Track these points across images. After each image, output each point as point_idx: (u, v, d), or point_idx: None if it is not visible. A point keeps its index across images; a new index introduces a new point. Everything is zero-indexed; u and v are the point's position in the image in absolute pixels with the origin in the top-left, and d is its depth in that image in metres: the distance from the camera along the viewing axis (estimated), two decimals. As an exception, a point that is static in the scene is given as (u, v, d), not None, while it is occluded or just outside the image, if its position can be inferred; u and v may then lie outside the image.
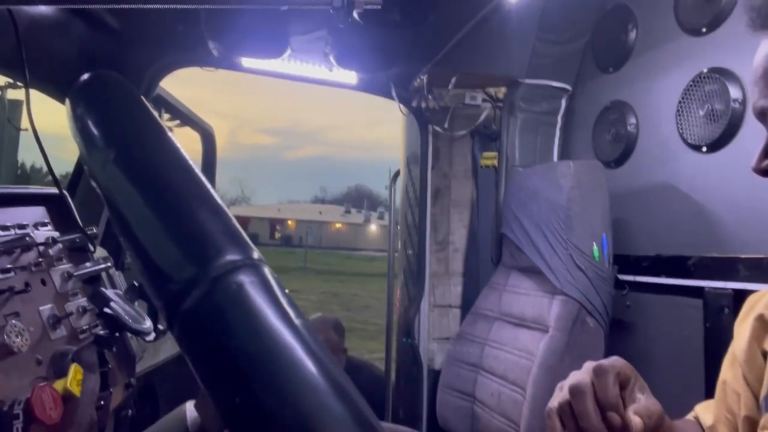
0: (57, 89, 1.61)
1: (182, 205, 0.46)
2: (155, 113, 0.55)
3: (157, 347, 1.69)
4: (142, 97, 0.56)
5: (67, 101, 0.54)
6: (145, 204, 0.45)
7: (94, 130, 0.50)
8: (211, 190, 0.48)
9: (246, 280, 0.41)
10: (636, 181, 1.99)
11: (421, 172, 2.57)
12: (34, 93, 1.61)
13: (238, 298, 0.41)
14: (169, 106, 2.22)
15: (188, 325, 0.41)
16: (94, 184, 0.50)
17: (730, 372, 0.83)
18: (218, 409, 0.39)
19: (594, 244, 1.87)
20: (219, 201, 0.48)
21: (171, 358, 1.79)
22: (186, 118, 2.41)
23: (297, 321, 0.41)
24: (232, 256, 0.43)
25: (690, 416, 0.94)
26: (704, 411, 0.92)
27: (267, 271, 0.44)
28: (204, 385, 0.40)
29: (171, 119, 2.35)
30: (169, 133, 0.52)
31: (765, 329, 0.78)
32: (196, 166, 0.51)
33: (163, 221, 0.45)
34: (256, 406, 0.36)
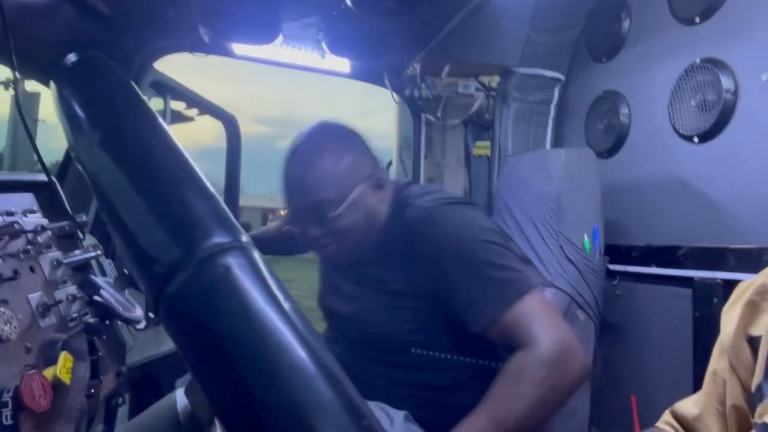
0: (46, 75, 1.59)
1: (168, 187, 0.45)
2: (142, 95, 0.54)
3: (159, 336, 1.67)
4: (131, 80, 0.55)
5: (53, 84, 0.53)
6: (131, 186, 0.45)
7: (80, 112, 0.49)
8: (200, 173, 0.48)
9: (233, 262, 0.41)
10: (628, 171, 1.99)
11: (413, 161, 2.56)
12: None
13: (225, 280, 0.40)
14: (188, 96, 2.20)
15: (174, 308, 0.40)
16: (79, 167, 0.49)
17: (719, 362, 0.84)
18: (205, 394, 0.38)
19: (585, 235, 1.85)
20: (207, 184, 0.47)
21: (176, 348, 1.77)
22: (206, 107, 2.39)
23: (285, 304, 0.40)
24: (219, 239, 0.42)
25: (665, 418, 0.94)
26: (686, 404, 0.92)
27: (256, 254, 0.43)
28: (191, 369, 0.40)
29: (188, 108, 2.33)
30: (158, 116, 0.51)
31: (753, 314, 0.78)
32: (187, 152, 0.50)
33: (148, 203, 0.44)
34: (243, 390, 0.36)
